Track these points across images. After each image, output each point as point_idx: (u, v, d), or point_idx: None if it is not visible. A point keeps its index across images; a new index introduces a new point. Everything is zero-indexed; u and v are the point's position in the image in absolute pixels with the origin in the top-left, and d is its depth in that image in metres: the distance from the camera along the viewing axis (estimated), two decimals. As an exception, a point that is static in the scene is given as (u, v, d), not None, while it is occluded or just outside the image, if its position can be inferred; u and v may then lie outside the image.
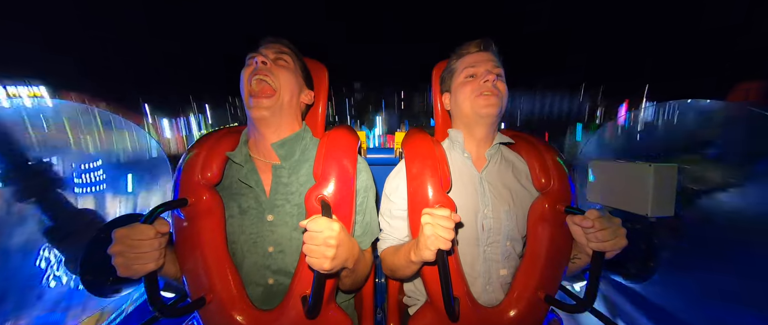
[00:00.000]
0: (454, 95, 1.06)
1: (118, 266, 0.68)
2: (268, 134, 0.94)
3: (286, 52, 0.96)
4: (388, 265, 1.01)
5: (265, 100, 0.88)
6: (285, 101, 0.92)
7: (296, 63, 0.98)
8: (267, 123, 0.92)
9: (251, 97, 0.89)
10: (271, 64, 0.90)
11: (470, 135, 1.05)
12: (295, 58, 0.98)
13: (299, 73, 0.99)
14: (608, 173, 1.70)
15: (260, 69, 0.89)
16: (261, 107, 0.88)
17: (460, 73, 1.03)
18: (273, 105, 0.90)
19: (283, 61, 0.94)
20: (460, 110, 1.03)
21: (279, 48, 0.95)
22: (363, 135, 1.39)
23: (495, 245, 1.00)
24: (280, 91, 0.91)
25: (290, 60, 0.96)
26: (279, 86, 0.90)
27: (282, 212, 0.92)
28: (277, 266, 0.92)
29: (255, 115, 0.90)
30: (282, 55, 0.95)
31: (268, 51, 0.93)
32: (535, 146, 1.09)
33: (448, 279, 0.75)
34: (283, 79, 0.91)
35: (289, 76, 0.93)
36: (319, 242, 0.68)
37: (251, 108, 0.89)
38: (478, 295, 0.98)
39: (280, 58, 0.94)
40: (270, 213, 0.92)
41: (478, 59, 1.01)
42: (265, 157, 0.97)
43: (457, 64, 1.06)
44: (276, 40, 0.98)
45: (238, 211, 0.93)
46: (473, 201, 1.00)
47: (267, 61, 0.90)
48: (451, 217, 0.74)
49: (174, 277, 0.90)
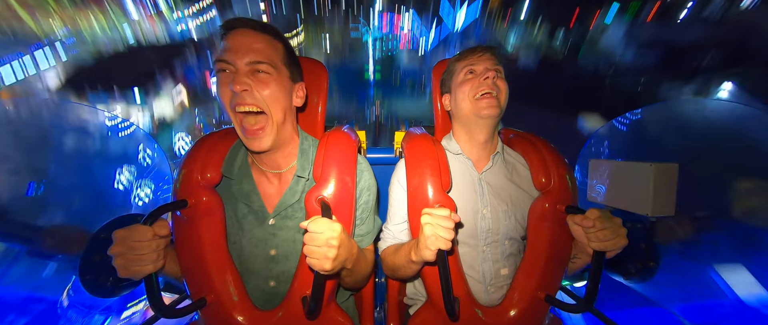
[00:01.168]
0: (453, 95, 1.05)
1: (117, 267, 0.69)
2: (271, 153, 0.91)
3: (262, 61, 0.79)
4: (388, 264, 1.01)
5: (260, 132, 0.82)
6: (279, 121, 0.84)
7: (278, 63, 0.83)
8: (269, 149, 0.88)
9: (244, 131, 0.82)
10: (251, 86, 0.78)
11: (470, 136, 1.05)
12: (274, 59, 0.82)
13: (285, 73, 0.85)
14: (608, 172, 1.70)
15: (242, 99, 0.78)
16: (260, 142, 0.83)
17: (459, 72, 1.04)
18: (271, 132, 0.83)
19: (263, 73, 0.80)
20: (460, 110, 1.03)
21: (252, 54, 0.78)
22: (363, 135, 1.39)
23: (494, 244, 1.00)
24: (269, 112, 0.82)
25: (269, 68, 0.80)
26: (267, 106, 0.81)
27: (284, 215, 0.91)
28: (279, 269, 0.91)
29: (254, 148, 0.84)
30: (257, 65, 0.79)
31: (240, 62, 0.77)
32: (536, 146, 1.08)
33: (448, 279, 0.75)
34: (270, 97, 0.81)
35: (274, 90, 0.81)
36: (320, 243, 0.68)
37: (249, 144, 0.83)
38: (480, 295, 0.98)
39: (256, 68, 0.79)
40: (272, 218, 0.91)
41: (478, 59, 1.01)
42: (268, 168, 0.94)
43: (457, 65, 1.06)
44: (244, 33, 0.79)
45: (239, 214, 0.92)
46: (472, 201, 1.00)
47: (246, 86, 0.77)
48: (451, 217, 0.74)
49: (176, 276, 0.90)
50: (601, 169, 1.75)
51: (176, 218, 0.91)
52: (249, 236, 0.91)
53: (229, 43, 0.79)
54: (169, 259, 0.85)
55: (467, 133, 1.05)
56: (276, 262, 0.91)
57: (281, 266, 0.91)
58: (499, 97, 0.97)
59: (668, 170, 1.49)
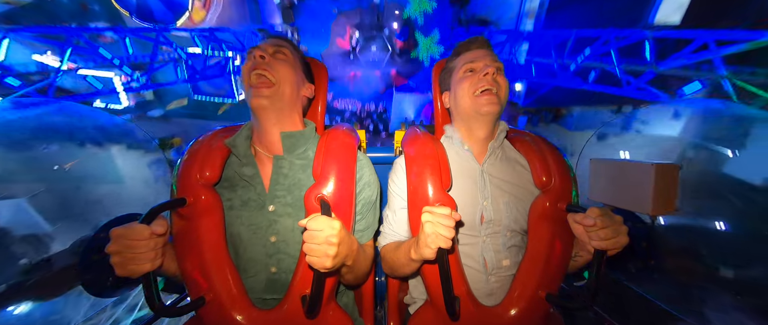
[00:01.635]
0: (453, 92, 1.05)
1: (115, 266, 0.69)
2: (269, 126, 0.95)
3: (284, 46, 0.99)
4: (387, 262, 1.00)
5: (265, 90, 0.90)
6: (285, 93, 0.94)
7: (295, 56, 1.01)
8: (267, 113, 0.93)
9: (251, 87, 0.91)
10: (269, 58, 0.93)
11: (470, 133, 1.04)
12: (294, 52, 1.01)
13: (299, 67, 1.01)
14: (609, 172, 1.69)
15: (259, 64, 0.91)
16: (260, 96, 0.90)
17: (458, 69, 1.03)
18: (272, 95, 0.91)
19: (282, 55, 0.97)
20: (460, 108, 1.02)
21: (277, 42, 0.99)
22: (363, 133, 1.39)
23: (495, 235, 1.00)
24: (279, 83, 0.92)
25: (289, 53, 0.98)
26: (278, 79, 0.92)
27: (283, 202, 0.92)
28: (280, 254, 0.92)
29: (254, 104, 0.91)
30: (281, 48, 0.97)
31: (267, 46, 0.96)
32: (537, 144, 1.08)
33: (448, 278, 0.75)
34: (283, 72, 0.93)
35: (288, 68, 0.95)
36: (320, 241, 0.68)
37: (251, 97, 0.91)
38: (481, 287, 0.98)
39: (279, 51, 0.97)
40: (271, 204, 0.92)
41: (476, 55, 1.01)
42: (267, 150, 0.98)
43: (456, 61, 1.05)
44: (275, 36, 1.02)
45: (239, 202, 0.93)
46: (473, 193, 1.00)
47: (266, 55, 0.92)
48: (451, 215, 0.73)
49: (175, 274, 0.90)
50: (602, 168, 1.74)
51: (175, 216, 0.91)
52: (248, 222, 0.92)
53: (260, 43, 1.00)
54: (168, 257, 0.85)
55: (467, 130, 1.05)
56: (277, 248, 0.92)
57: (282, 252, 0.92)
58: (499, 93, 0.96)
59: (669, 169, 1.49)
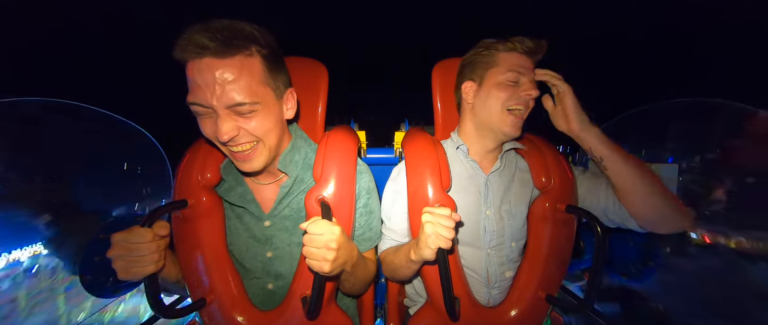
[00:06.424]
0: (485, 90, 0.94)
1: (117, 270, 0.68)
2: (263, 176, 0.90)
3: (243, 102, 0.68)
4: (387, 265, 1.00)
5: (252, 154, 0.77)
6: (272, 145, 0.79)
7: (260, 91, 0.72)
8: (262, 169, 0.83)
9: (234, 156, 0.78)
10: (239, 128, 0.72)
11: (480, 141, 1.01)
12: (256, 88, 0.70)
13: (270, 97, 0.75)
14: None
15: (233, 143, 0.73)
16: (252, 164, 0.78)
17: (502, 71, 0.91)
18: (262, 153, 0.78)
19: (248, 112, 0.72)
20: (484, 113, 0.95)
21: (229, 96, 0.67)
22: (363, 135, 1.39)
23: (499, 247, 0.99)
24: (262, 139, 0.76)
25: (253, 106, 0.71)
26: (259, 136, 0.75)
27: (280, 216, 0.91)
28: (276, 271, 0.91)
29: (246, 169, 0.79)
30: (239, 107, 0.69)
31: (217, 104, 0.67)
32: (536, 145, 1.08)
33: (448, 278, 0.75)
34: (260, 129, 0.74)
35: (263, 121, 0.74)
36: (319, 245, 0.68)
37: (241, 167, 0.79)
38: (483, 297, 0.98)
39: (238, 111, 0.70)
40: (267, 220, 0.91)
41: (525, 65, 0.92)
42: (261, 181, 0.92)
43: (500, 57, 0.92)
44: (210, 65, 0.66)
45: (235, 215, 0.92)
46: (476, 204, 0.99)
47: (234, 131, 0.70)
48: (451, 216, 0.74)
49: (175, 279, 0.89)
50: (601, 168, 1.74)
51: (176, 218, 0.91)
52: (245, 236, 0.91)
53: (196, 78, 0.67)
54: (168, 261, 0.84)
55: (478, 136, 1.00)
56: (273, 264, 0.91)
57: (278, 268, 0.91)
58: (523, 116, 0.93)
59: (668, 169, 1.49)
